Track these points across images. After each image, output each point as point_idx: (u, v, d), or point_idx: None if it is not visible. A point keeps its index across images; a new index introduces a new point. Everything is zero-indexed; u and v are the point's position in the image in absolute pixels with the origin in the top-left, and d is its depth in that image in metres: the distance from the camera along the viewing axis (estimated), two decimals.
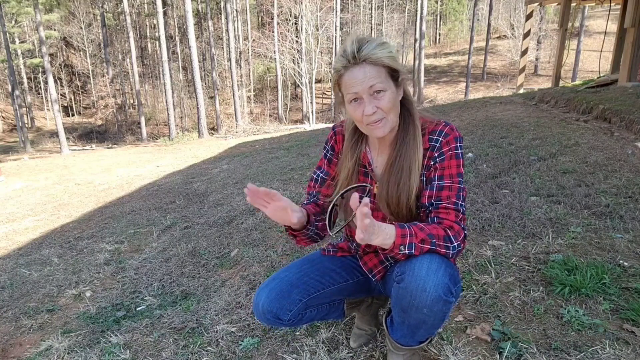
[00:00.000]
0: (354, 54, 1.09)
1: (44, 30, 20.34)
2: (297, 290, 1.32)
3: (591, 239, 2.15)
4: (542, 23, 26.97)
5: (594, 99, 5.80)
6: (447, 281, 1.07)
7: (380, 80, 1.10)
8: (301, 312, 1.33)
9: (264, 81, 35.15)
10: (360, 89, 1.10)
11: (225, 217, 3.64)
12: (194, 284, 2.42)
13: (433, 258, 1.09)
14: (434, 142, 1.19)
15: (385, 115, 1.13)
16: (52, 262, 3.33)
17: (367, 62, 1.09)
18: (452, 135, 1.18)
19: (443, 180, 1.17)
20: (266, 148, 8.97)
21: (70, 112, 35.17)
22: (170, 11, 32.22)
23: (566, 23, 9.01)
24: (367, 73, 1.09)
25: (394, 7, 37.25)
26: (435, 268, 1.07)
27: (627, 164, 3.35)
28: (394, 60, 1.12)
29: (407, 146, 1.19)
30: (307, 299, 1.33)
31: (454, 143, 1.18)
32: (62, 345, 1.96)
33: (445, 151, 1.17)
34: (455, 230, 1.11)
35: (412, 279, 1.09)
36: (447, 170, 1.17)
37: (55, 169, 11.64)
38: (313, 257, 1.46)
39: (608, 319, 1.54)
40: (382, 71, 1.11)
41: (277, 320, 1.30)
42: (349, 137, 1.29)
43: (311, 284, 1.35)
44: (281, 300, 1.29)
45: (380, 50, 1.09)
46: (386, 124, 1.15)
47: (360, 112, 1.13)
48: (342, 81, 1.14)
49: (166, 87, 21.50)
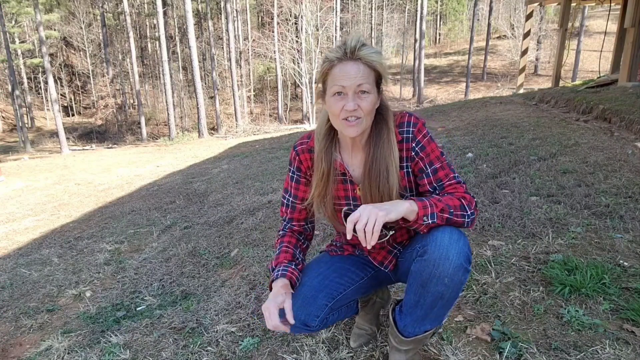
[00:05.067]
0: (354, 50, 1.13)
1: (44, 30, 20.33)
2: (322, 294, 1.32)
3: (591, 239, 2.15)
4: (542, 23, 26.96)
5: (594, 99, 5.80)
6: (467, 250, 1.13)
7: (368, 82, 1.15)
8: (327, 317, 1.33)
9: (264, 81, 35.14)
10: (349, 83, 1.14)
11: (225, 217, 3.64)
12: (194, 284, 2.42)
13: (453, 229, 1.14)
14: (405, 134, 1.25)
15: (362, 115, 1.17)
16: (52, 262, 3.33)
17: (362, 61, 1.13)
18: (419, 123, 1.25)
19: (434, 164, 1.23)
20: (266, 148, 8.97)
21: (70, 112, 35.17)
22: (170, 11, 32.21)
23: (566, 23, 9.01)
24: (360, 70, 1.13)
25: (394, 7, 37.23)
26: (456, 237, 1.13)
27: (627, 164, 3.35)
28: (385, 70, 1.18)
29: (381, 149, 1.23)
30: (332, 303, 1.33)
31: (424, 129, 1.25)
32: (62, 345, 1.96)
33: (421, 139, 1.24)
34: (467, 200, 1.18)
35: (435, 248, 1.13)
36: (432, 154, 1.24)
37: (55, 169, 11.64)
38: (325, 259, 1.46)
39: (608, 319, 1.54)
40: (372, 74, 1.16)
41: (305, 327, 1.29)
42: (322, 140, 1.31)
43: (333, 287, 1.36)
44: (308, 307, 1.28)
45: (377, 56, 1.15)
46: (360, 125, 1.19)
47: (341, 106, 1.16)
48: (332, 72, 1.16)
49: (166, 87, 21.50)
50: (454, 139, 5.27)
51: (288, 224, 1.43)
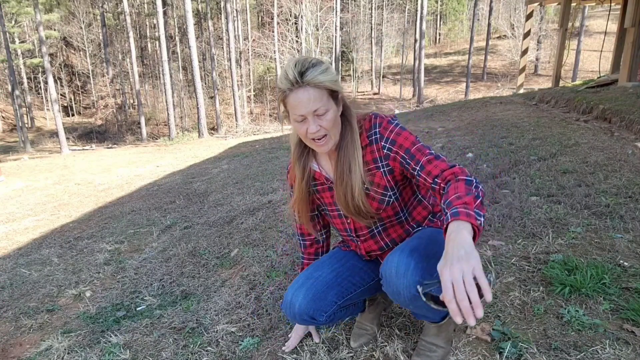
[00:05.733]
0: (297, 78, 1.15)
1: (44, 30, 20.33)
2: (332, 292, 1.38)
3: (591, 239, 2.15)
4: (542, 23, 26.96)
5: (594, 99, 5.80)
6: (419, 278, 1.12)
7: (323, 103, 1.18)
8: (334, 313, 1.39)
9: (264, 81, 35.13)
10: (305, 111, 1.18)
11: (225, 217, 3.64)
12: (194, 284, 2.42)
13: (401, 259, 1.15)
14: (373, 136, 1.28)
15: (327, 132, 1.22)
16: (52, 262, 3.33)
17: (311, 86, 1.16)
18: (384, 121, 1.27)
19: (409, 150, 1.23)
20: (266, 148, 8.97)
21: (70, 112, 35.16)
22: (170, 11, 32.21)
23: (566, 23, 9.00)
24: (311, 96, 1.16)
25: (394, 7, 37.22)
26: (403, 270, 1.13)
27: (627, 164, 3.35)
28: (335, 84, 1.20)
29: (345, 149, 1.27)
30: (342, 301, 1.40)
31: (390, 125, 1.26)
32: (62, 345, 1.96)
33: (388, 135, 1.26)
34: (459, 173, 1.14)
35: (386, 285, 1.20)
36: (406, 142, 1.24)
37: (55, 169, 11.64)
38: (339, 255, 1.52)
39: (608, 319, 1.54)
40: (324, 94, 1.18)
41: (312, 320, 1.37)
42: (295, 150, 1.38)
43: (345, 285, 1.41)
44: (318, 301, 1.35)
45: (322, 76, 1.16)
46: (329, 141, 1.24)
47: (305, 129, 1.21)
48: (287, 101, 1.20)
49: (166, 87, 21.49)
50: (454, 139, 5.27)
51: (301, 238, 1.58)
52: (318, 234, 1.55)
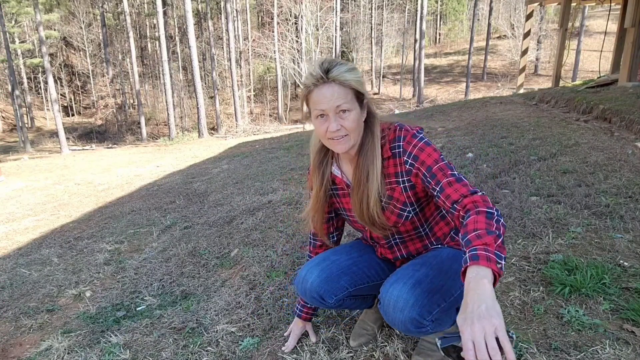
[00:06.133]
0: (324, 74, 1.15)
1: (44, 30, 20.33)
2: (346, 277, 1.40)
3: (591, 239, 2.15)
4: (542, 23, 26.96)
5: (594, 99, 5.80)
6: (415, 315, 1.13)
7: (347, 101, 1.17)
8: (344, 299, 1.42)
9: (264, 81, 35.14)
10: (327, 106, 1.16)
11: (225, 217, 3.64)
12: (194, 284, 2.42)
13: (401, 293, 1.16)
14: (396, 149, 1.25)
15: (348, 133, 1.20)
16: (52, 262, 3.33)
17: (336, 83, 1.15)
18: (408, 135, 1.24)
19: (431, 169, 1.19)
20: (266, 148, 8.96)
21: (70, 112, 35.17)
22: (170, 11, 32.21)
23: (566, 23, 9.00)
24: (335, 93, 1.16)
25: (394, 7, 37.22)
26: (401, 306, 1.15)
27: (627, 164, 3.35)
28: (361, 85, 1.19)
29: (365, 157, 1.26)
30: (353, 290, 1.41)
31: (413, 140, 1.23)
32: (62, 345, 1.96)
33: (411, 150, 1.22)
34: (480, 203, 1.07)
35: (383, 312, 1.21)
36: (427, 161, 1.20)
37: (55, 169, 11.64)
38: (360, 246, 1.53)
39: (608, 319, 1.54)
40: (349, 93, 1.17)
41: (321, 300, 1.40)
42: (315, 158, 1.37)
43: (359, 275, 1.43)
44: (330, 283, 1.38)
45: (349, 74, 1.16)
46: (348, 141, 1.22)
47: (325, 128, 1.20)
48: (310, 97, 1.20)
49: (166, 87, 21.49)
50: (454, 139, 5.27)
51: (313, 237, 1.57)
52: (329, 237, 1.54)
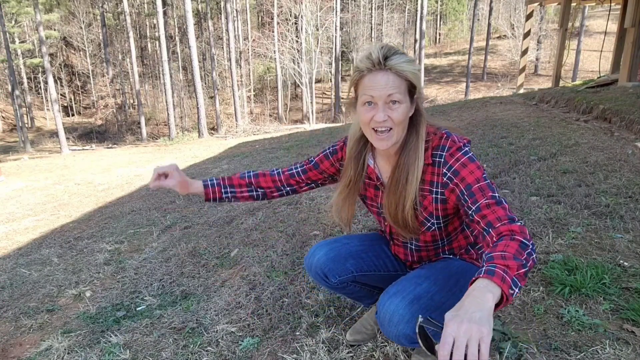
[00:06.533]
0: (381, 60, 1.09)
1: (44, 30, 20.33)
2: (353, 261, 1.40)
3: (591, 239, 2.15)
4: (542, 23, 26.97)
5: (594, 99, 5.80)
6: (410, 332, 1.11)
7: (399, 92, 1.11)
8: (348, 282, 1.41)
9: (264, 81, 35.14)
10: (378, 94, 1.10)
11: (225, 217, 3.64)
12: (194, 284, 2.42)
13: (398, 308, 1.12)
14: (437, 158, 1.18)
15: (393, 126, 1.13)
16: (52, 262, 3.33)
17: (392, 71, 1.09)
18: (454, 147, 1.16)
19: (470, 187, 1.11)
20: (266, 148, 8.96)
21: (70, 112, 35.17)
22: (170, 11, 32.21)
23: (566, 23, 9.00)
24: (390, 81, 1.10)
25: (394, 7, 37.24)
26: (396, 320, 1.12)
27: (627, 164, 3.35)
28: (417, 78, 1.14)
29: (406, 157, 1.19)
30: (358, 274, 1.41)
31: (458, 153, 1.15)
32: (62, 345, 1.96)
33: (453, 163, 1.14)
34: (518, 232, 0.99)
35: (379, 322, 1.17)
36: (468, 178, 1.12)
37: (55, 169, 11.64)
38: (374, 237, 1.52)
39: (608, 319, 1.54)
40: (403, 84, 1.11)
41: (325, 279, 1.39)
42: (353, 147, 1.30)
43: (366, 261, 1.42)
44: (336, 263, 1.38)
45: (407, 65, 1.10)
46: (391, 137, 1.15)
47: (370, 116, 1.13)
48: (361, 82, 1.14)
49: (166, 87, 21.49)
50: None
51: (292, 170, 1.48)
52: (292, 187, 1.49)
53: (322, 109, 31.82)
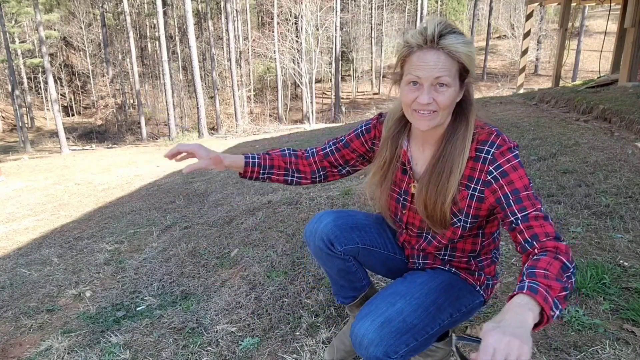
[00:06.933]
0: (435, 37, 1.00)
1: (44, 30, 20.34)
2: (358, 232, 1.32)
3: (591, 239, 2.15)
4: (542, 23, 26.97)
5: (594, 99, 5.80)
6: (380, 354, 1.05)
7: (449, 75, 1.02)
8: (351, 255, 1.33)
9: (264, 81, 35.15)
10: (425, 75, 1.02)
11: (225, 217, 3.64)
12: (194, 284, 2.42)
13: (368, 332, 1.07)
14: (484, 154, 1.08)
15: (437, 109, 1.05)
16: (52, 262, 3.33)
17: (445, 51, 1.01)
18: (505, 146, 1.07)
19: (519, 193, 1.04)
20: (266, 148, 8.97)
21: (70, 112, 35.17)
22: (170, 11, 32.22)
23: (566, 23, 9.01)
24: (440, 62, 1.01)
25: (394, 7, 37.23)
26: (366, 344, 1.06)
27: (628, 164, 3.35)
28: (471, 61, 1.05)
29: (453, 146, 1.10)
30: (362, 247, 1.33)
31: (509, 154, 1.07)
32: (62, 345, 1.96)
33: (503, 163, 1.06)
34: (563, 251, 0.95)
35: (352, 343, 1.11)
36: (517, 183, 1.04)
37: (55, 169, 11.64)
38: (377, 216, 1.44)
39: (608, 319, 1.54)
40: (454, 66, 1.03)
41: (329, 246, 1.29)
42: (393, 126, 1.23)
43: (370, 236, 1.35)
44: (342, 231, 1.29)
45: (462, 46, 1.01)
46: (434, 119, 1.07)
47: (414, 97, 1.05)
48: (409, 58, 1.05)
49: (166, 87, 21.50)
50: None
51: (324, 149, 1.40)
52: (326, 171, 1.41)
53: (322, 109, 31.83)
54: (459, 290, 1.22)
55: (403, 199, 1.25)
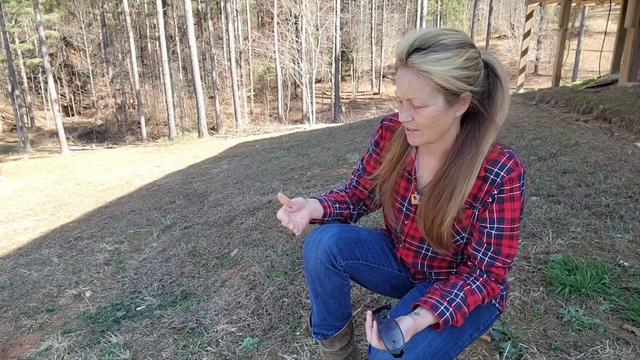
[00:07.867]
0: (404, 55, 0.94)
1: (44, 30, 20.34)
2: (360, 248, 1.25)
3: (591, 239, 2.15)
4: (542, 23, 26.98)
5: (594, 99, 5.80)
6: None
7: (421, 96, 0.95)
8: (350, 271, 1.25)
9: (264, 81, 35.15)
10: (400, 93, 0.99)
11: (225, 217, 3.64)
12: (194, 284, 2.42)
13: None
14: (492, 175, 1.03)
15: (418, 128, 1.02)
16: (52, 262, 3.33)
17: (414, 70, 0.94)
18: (516, 171, 1.03)
19: (503, 224, 1.05)
20: (266, 148, 8.96)
21: (70, 112, 35.17)
22: (170, 11, 32.22)
23: (566, 23, 9.01)
24: (408, 81, 0.95)
25: (394, 7, 37.23)
26: None
27: (627, 164, 3.35)
28: (449, 81, 0.94)
29: (456, 170, 1.04)
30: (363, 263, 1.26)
31: (517, 182, 1.03)
32: (62, 345, 1.96)
33: (506, 190, 1.03)
34: (495, 293, 1.08)
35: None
36: (507, 215, 1.04)
37: (55, 169, 11.64)
38: (378, 231, 1.39)
39: (608, 319, 1.54)
40: (427, 85, 0.95)
41: (332, 259, 1.19)
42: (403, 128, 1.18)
43: (372, 251, 1.28)
44: (345, 245, 1.21)
45: (434, 65, 0.92)
46: (420, 137, 1.04)
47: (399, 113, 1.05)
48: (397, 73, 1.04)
49: (166, 87, 21.50)
50: None
51: (352, 183, 1.37)
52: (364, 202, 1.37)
53: (322, 109, 31.83)
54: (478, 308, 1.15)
55: (406, 209, 1.22)
